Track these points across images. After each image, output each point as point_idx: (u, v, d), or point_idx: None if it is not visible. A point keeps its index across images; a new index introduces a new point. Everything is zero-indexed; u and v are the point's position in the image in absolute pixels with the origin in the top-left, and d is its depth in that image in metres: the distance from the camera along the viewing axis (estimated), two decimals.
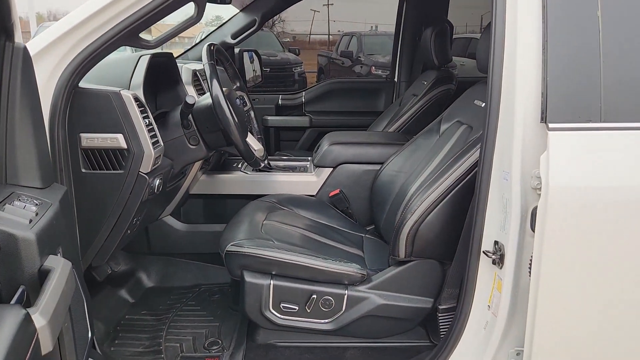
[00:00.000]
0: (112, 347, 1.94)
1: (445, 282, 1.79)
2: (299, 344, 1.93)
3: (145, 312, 2.20)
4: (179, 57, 3.32)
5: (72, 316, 1.11)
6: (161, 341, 1.98)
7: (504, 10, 1.40)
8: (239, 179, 2.51)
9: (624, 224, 1.31)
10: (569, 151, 1.30)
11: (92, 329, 1.32)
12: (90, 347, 1.28)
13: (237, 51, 3.42)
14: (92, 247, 1.80)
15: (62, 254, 1.13)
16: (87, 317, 1.26)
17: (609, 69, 1.32)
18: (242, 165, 2.60)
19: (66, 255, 1.14)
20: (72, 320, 1.11)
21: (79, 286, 1.22)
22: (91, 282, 2.15)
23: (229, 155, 2.65)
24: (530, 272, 1.37)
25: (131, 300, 2.29)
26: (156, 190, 1.84)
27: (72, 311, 1.11)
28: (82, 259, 1.70)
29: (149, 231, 2.45)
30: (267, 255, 1.79)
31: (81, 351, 1.18)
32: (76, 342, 1.13)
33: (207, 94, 1.98)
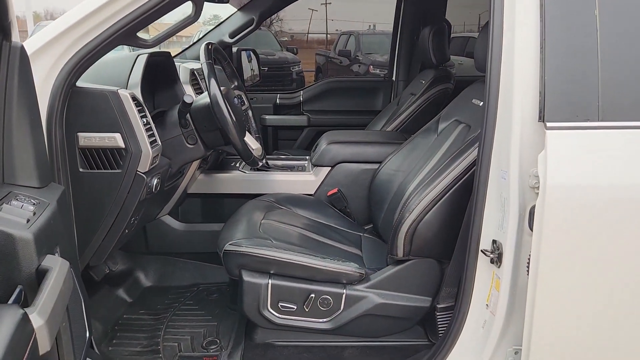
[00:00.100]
0: (110, 347, 1.94)
1: (443, 281, 1.79)
2: (297, 343, 1.93)
3: (143, 312, 2.20)
4: (176, 56, 3.32)
5: (69, 316, 1.11)
6: (159, 340, 1.98)
7: (501, 9, 1.40)
8: (237, 178, 2.51)
9: (622, 223, 1.31)
10: (566, 150, 1.30)
11: (90, 329, 1.31)
12: (88, 346, 1.28)
13: (235, 50, 3.42)
14: (89, 247, 1.79)
15: (60, 254, 1.12)
16: (84, 317, 1.26)
17: (606, 68, 1.32)
18: (240, 164, 2.60)
19: (64, 254, 1.14)
20: (70, 320, 1.11)
21: (77, 286, 1.22)
22: (89, 281, 2.15)
23: (227, 154, 2.64)
24: (528, 271, 1.37)
25: (129, 299, 2.29)
26: (154, 189, 1.83)
27: (70, 311, 1.11)
28: (79, 258, 1.69)
29: (147, 231, 2.45)
30: (265, 254, 1.79)
31: (79, 351, 1.18)
32: (74, 341, 1.13)
33: (205, 93, 1.98)
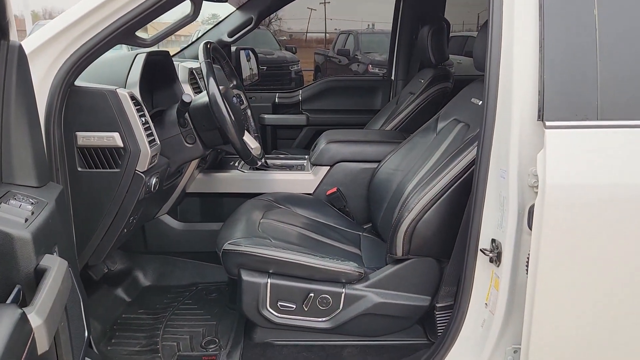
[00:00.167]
0: (109, 346, 1.94)
1: (442, 280, 1.79)
2: (296, 342, 1.93)
3: (142, 311, 2.20)
4: (175, 56, 3.32)
5: (68, 315, 1.10)
6: (158, 340, 1.98)
7: (500, 8, 1.40)
8: (235, 178, 2.50)
9: (621, 222, 1.31)
10: (566, 149, 1.30)
11: (89, 328, 1.31)
12: (86, 346, 1.28)
13: (233, 49, 3.42)
14: (88, 246, 1.79)
15: (58, 253, 1.12)
16: (83, 316, 1.26)
17: (605, 67, 1.32)
18: (239, 163, 2.59)
19: (62, 254, 1.13)
20: (69, 319, 1.11)
21: (75, 285, 1.22)
22: (88, 281, 2.15)
23: (226, 153, 2.64)
24: (527, 270, 1.37)
25: (128, 299, 2.28)
26: (153, 189, 1.83)
27: (69, 310, 1.11)
28: (78, 258, 1.69)
29: (146, 230, 2.45)
30: (264, 253, 1.79)
31: (78, 350, 1.17)
32: (72, 341, 1.13)
33: (204, 93, 1.98)
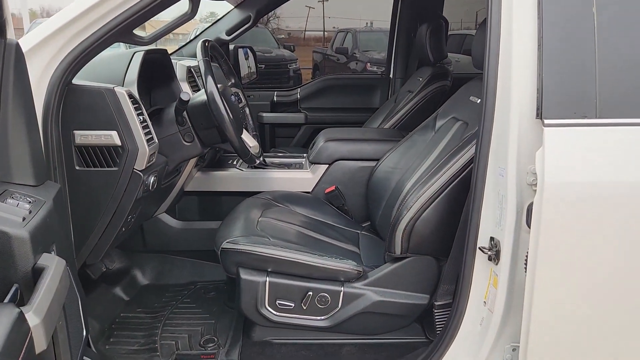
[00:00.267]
0: (107, 345, 1.93)
1: (441, 279, 1.79)
2: (295, 341, 1.93)
3: (140, 310, 2.19)
4: (173, 54, 3.31)
5: (66, 314, 1.10)
6: (157, 339, 1.98)
7: (499, 6, 1.40)
8: (234, 176, 2.50)
9: (619, 220, 1.31)
10: (564, 147, 1.30)
11: (87, 327, 1.31)
12: (85, 345, 1.28)
13: (231, 48, 3.41)
14: (86, 245, 1.79)
15: (56, 252, 1.12)
16: (81, 315, 1.25)
17: (604, 65, 1.32)
18: (238, 162, 2.59)
19: (60, 253, 1.13)
20: (67, 318, 1.11)
21: (74, 284, 1.21)
22: (86, 280, 2.14)
23: (224, 152, 2.64)
24: (526, 268, 1.37)
25: (126, 298, 2.28)
26: (151, 187, 1.83)
27: (67, 309, 1.11)
28: (76, 256, 1.69)
29: (144, 229, 2.44)
30: (262, 252, 1.79)
31: (76, 349, 1.17)
32: (71, 340, 1.13)
33: (202, 91, 1.98)
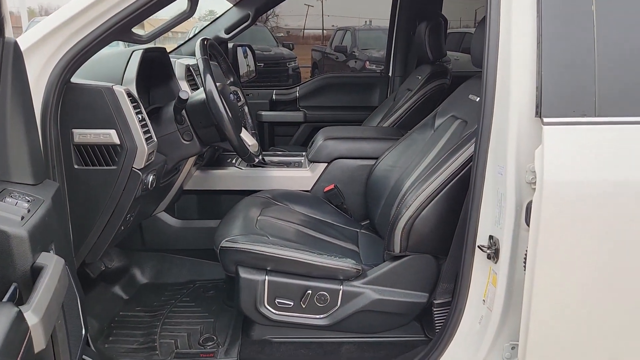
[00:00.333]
0: (107, 344, 1.93)
1: (440, 277, 1.80)
2: (294, 339, 1.93)
3: (139, 309, 2.19)
4: (172, 52, 3.30)
5: (65, 313, 1.10)
6: (156, 337, 1.98)
7: (498, 4, 1.40)
8: (233, 175, 2.50)
9: (618, 218, 1.31)
10: (563, 145, 1.30)
11: (86, 326, 1.31)
12: (84, 344, 1.28)
13: (230, 46, 3.40)
14: (85, 244, 1.78)
15: (55, 251, 1.12)
16: (80, 314, 1.25)
17: (603, 64, 1.32)
18: (237, 160, 2.59)
19: (59, 252, 1.13)
20: (66, 317, 1.11)
21: (72, 283, 1.21)
22: (85, 278, 2.14)
23: (223, 150, 2.64)
24: (525, 267, 1.37)
25: (125, 296, 2.28)
26: (150, 186, 1.83)
27: (66, 308, 1.11)
28: (75, 255, 1.69)
29: (143, 227, 2.44)
30: (261, 250, 1.79)
31: (75, 348, 1.17)
32: (70, 339, 1.13)
33: (201, 89, 1.97)
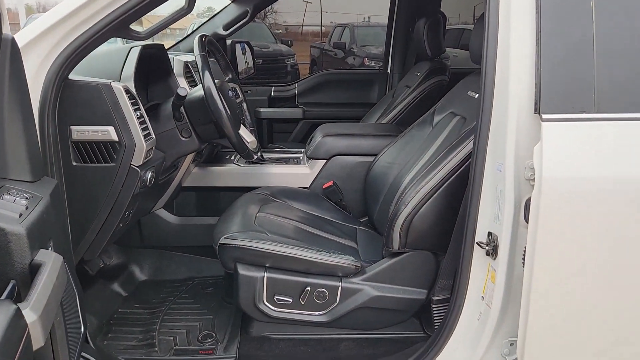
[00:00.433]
0: (105, 341, 1.93)
1: (439, 274, 1.80)
2: (293, 336, 1.93)
3: (138, 306, 2.19)
4: (170, 49, 3.30)
5: (64, 311, 1.10)
6: (155, 334, 1.98)
7: (497, 0, 1.39)
8: (231, 172, 2.50)
9: (617, 215, 1.31)
10: (562, 142, 1.30)
11: (85, 323, 1.31)
12: (83, 341, 1.28)
13: (229, 43, 3.40)
14: (84, 241, 1.78)
15: (54, 248, 1.12)
16: (79, 312, 1.25)
17: (602, 60, 1.32)
18: (235, 157, 2.59)
19: (57, 249, 1.13)
20: (64, 314, 1.11)
21: (71, 280, 1.21)
22: (83, 275, 2.14)
23: (222, 147, 2.63)
24: (524, 263, 1.37)
25: (124, 293, 2.28)
26: (148, 183, 1.83)
27: (64, 305, 1.10)
28: (73, 252, 1.68)
29: (142, 224, 2.44)
30: (260, 247, 1.79)
31: (74, 345, 1.17)
32: (68, 336, 1.12)
33: (199, 86, 1.97)
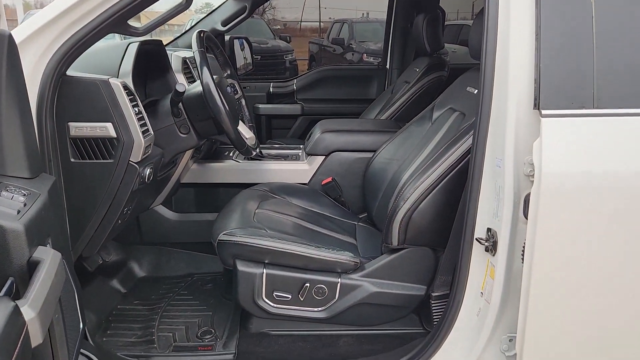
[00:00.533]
0: (104, 338, 1.93)
1: (438, 270, 1.80)
2: (292, 332, 1.93)
3: (137, 302, 2.19)
4: (168, 45, 3.29)
5: (62, 307, 1.10)
6: (154, 331, 1.98)
7: None
8: (230, 168, 2.49)
9: (616, 210, 1.31)
10: (562, 137, 1.29)
11: (84, 320, 1.31)
12: (82, 338, 1.28)
13: (227, 38, 3.39)
14: (82, 238, 1.78)
15: (52, 245, 1.12)
16: (78, 308, 1.25)
17: (602, 55, 1.31)
18: (234, 153, 2.58)
19: (56, 246, 1.13)
20: (63, 311, 1.10)
21: (70, 277, 1.21)
22: (82, 272, 2.14)
23: (221, 143, 2.63)
24: (523, 259, 1.37)
25: (123, 290, 2.28)
26: (147, 179, 1.82)
27: (63, 302, 1.10)
28: (72, 249, 1.68)
29: (140, 221, 2.44)
30: (259, 244, 1.78)
31: (72, 342, 1.17)
32: (67, 333, 1.12)
33: (198, 82, 1.96)
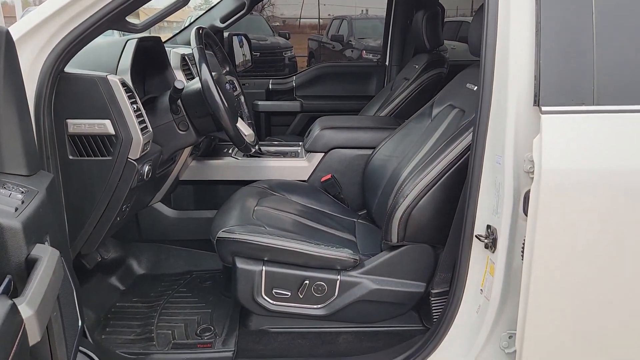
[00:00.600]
0: (103, 335, 1.93)
1: (437, 267, 1.80)
2: (291, 329, 1.93)
3: (136, 300, 2.19)
4: (167, 42, 3.28)
5: (61, 305, 1.10)
6: (153, 328, 1.97)
7: None
8: (229, 165, 2.49)
9: (616, 207, 1.31)
10: (562, 134, 1.29)
11: (83, 318, 1.31)
12: (80, 335, 1.27)
13: (226, 35, 3.38)
14: (81, 235, 1.78)
15: (50, 243, 1.11)
16: (76, 306, 1.25)
17: (602, 52, 1.31)
18: (233, 150, 2.58)
19: (54, 243, 1.12)
20: (61, 309, 1.10)
21: (68, 275, 1.20)
22: (81, 269, 2.13)
23: (219, 140, 2.63)
24: (522, 256, 1.37)
25: (122, 287, 2.28)
26: (145, 176, 1.82)
27: (61, 300, 1.10)
28: (70, 246, 1.68)
29: (139, 218, 2.43)
30: (258, 241, 1.78)
31: (71, 340, 1.17)
32: (66, 330, 1.12)
33: (196, 79, 1.96)
